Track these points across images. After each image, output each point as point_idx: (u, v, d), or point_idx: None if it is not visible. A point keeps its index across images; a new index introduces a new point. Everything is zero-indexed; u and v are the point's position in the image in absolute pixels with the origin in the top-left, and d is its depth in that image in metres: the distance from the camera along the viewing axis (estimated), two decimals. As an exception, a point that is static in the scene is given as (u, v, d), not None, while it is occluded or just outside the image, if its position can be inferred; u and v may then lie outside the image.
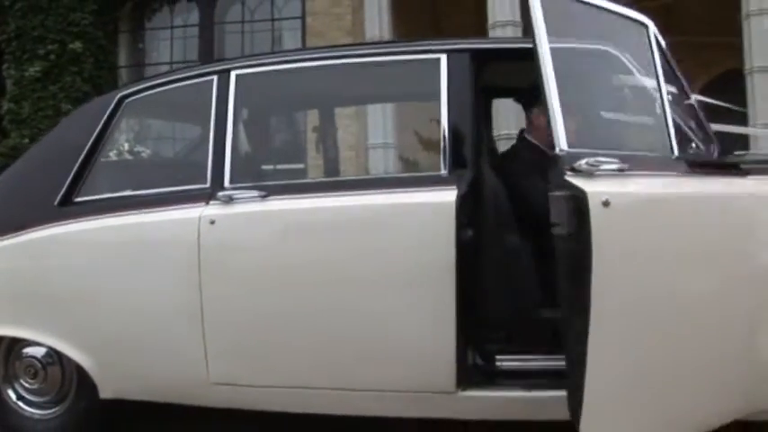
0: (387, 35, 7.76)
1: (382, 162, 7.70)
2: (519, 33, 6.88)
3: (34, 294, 2.81)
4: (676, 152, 2.19)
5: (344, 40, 7.63)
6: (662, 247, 1.99)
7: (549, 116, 1.99)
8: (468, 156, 2.46)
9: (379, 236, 2.39)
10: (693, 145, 2.37)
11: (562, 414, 2.20)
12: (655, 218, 2.02)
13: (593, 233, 1.85)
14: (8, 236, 2.84)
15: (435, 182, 2.41)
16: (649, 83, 2.28)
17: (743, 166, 2.32)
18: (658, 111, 2.24)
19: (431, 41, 2.66)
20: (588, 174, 1.95)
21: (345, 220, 2.45)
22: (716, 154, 2.38)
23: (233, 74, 2.70)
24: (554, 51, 2.02)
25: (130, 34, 8.38)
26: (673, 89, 2.37)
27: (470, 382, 2.36)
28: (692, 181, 2.19)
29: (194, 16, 8.39)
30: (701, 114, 2.49)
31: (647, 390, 2.00)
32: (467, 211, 2.34)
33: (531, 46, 2.10)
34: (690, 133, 2.39)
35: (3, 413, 2.98)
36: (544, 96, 1.99)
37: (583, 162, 1.95)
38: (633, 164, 2.03)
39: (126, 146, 3.75)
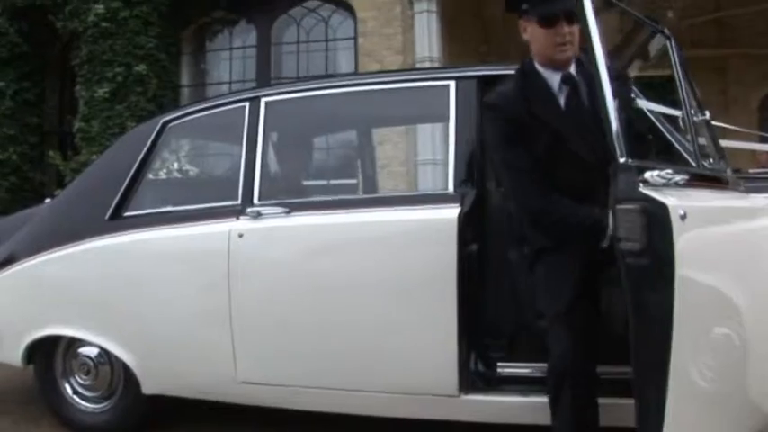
0: (437, 54, 7.91)
1: (430, 178, 7.86)
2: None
3: (88, 299, 3.11)
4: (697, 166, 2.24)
5: (395, 59, 7.85)
6: (729, 257, 2.08)
7: (608, 131, 1.91)
8: (474, 175, 2.65)
9: (387, 250, 2.58)
10: (711, 160, 2.41)
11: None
12: (721, 230, 2.07)
13: (676, 248, 1.82)
14: (67, 245, 3.15)
15: (441, 199, 2.60)
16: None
17: None
18: (682, 126, 2.34)
19: (441, 69, 2.86)
20: (661, 186, 1.89)
21: (357, 234, 2.65)
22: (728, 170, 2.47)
23: (263, 101, 2.96)
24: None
25: (192, 56, 8.78)
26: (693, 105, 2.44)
27: (472, 386, 2.54)
28: (743, 195, 2.33)
29: (252, 37, 8.74)
30: (714, 131, 2.58)
31: (725, 399, 2.06)
32: (470, 226, 2.53)
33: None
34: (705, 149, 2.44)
35: (60, 404, 3.30)
36: (604, 113, 1.92)
37: (655, 174, 1.90)
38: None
39: (168, 165, 4.06)
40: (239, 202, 2.87)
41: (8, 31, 8.09)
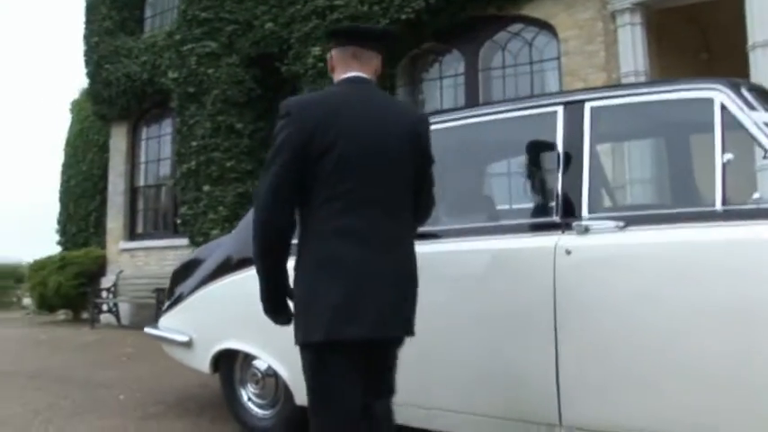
0: (642, 68, 7.54)
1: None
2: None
3: (253, 318, 3.51)
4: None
5: (598, 76, 7.58)
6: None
7: None
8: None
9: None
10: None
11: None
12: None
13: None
14: (239, 271, 3.62)
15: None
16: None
17: None
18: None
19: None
20: None
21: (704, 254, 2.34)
22: None
23: (587, 105, 2.78)
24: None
25: (407, 87, 9.25)
26: None
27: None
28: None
29: (461, 65, 8.99)
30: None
31: None
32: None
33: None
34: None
35: (237, 408, 3.80)
36: None
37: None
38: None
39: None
40: (559, 216, 2.71)
41: (244, 78, 9.20)
